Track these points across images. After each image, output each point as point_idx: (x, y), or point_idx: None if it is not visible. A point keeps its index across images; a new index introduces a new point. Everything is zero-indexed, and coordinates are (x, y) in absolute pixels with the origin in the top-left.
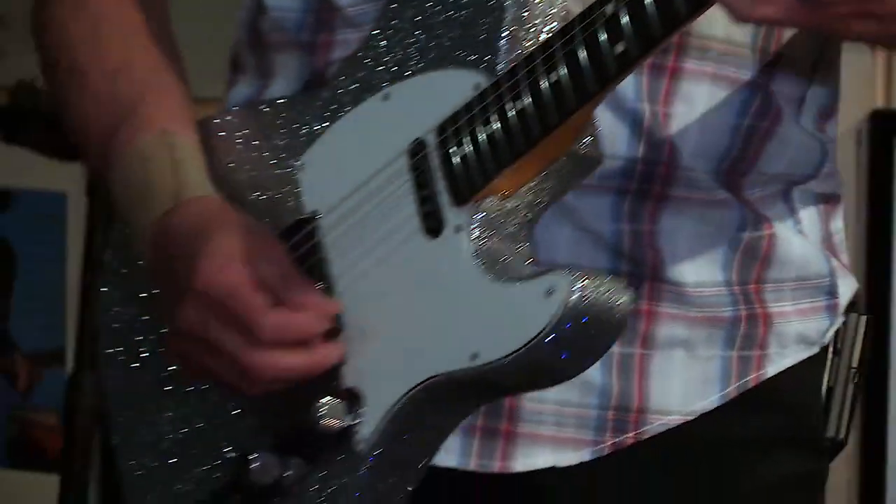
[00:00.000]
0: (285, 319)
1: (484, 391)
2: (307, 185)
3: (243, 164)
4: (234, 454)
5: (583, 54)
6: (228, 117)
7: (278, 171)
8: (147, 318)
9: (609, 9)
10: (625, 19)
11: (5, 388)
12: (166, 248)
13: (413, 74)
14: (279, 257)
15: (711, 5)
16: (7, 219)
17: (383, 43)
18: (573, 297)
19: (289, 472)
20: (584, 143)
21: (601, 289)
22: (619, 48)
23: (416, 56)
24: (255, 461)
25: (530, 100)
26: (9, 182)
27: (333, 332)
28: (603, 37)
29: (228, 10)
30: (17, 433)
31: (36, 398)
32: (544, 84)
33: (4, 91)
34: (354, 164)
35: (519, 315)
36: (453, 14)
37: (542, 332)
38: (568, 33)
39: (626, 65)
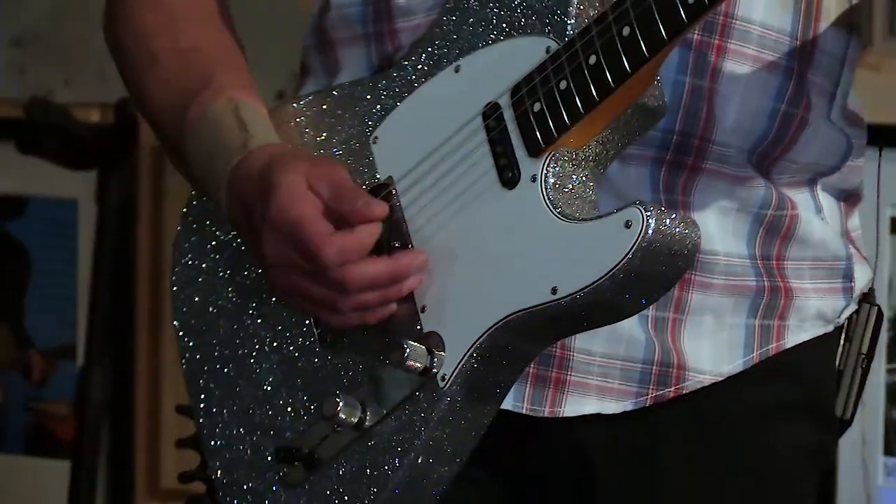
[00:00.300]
0: (344, 241)
1: (559, 327)
2: (381, 154)
3: (317, 143)
4: (314, 403)
5: (653, 6)
6: (301, 102)
7: (353, 144)
8: (229, 288)
9: None
10: None
11: (21, 381)
12: (241, 193)
13: (484, 46)
14: (338, 179)
15: None
16: (22, 223)
17: (449, 24)
18: (650, 228)
19: (365, 415)
20: (649, 95)
21: (673, 223)
22: None
23: (482, 31)
24: (339, 403)
25: (603, 55)
26: (24, 189)
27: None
28: None
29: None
30: (32, 423)
31: (49, 390)
32: (618, 39)
33: (21, 106)
34: (427, 132)
35: (598, 248)
36: None
37: (622, 259)
38: None
39: (697, 14)
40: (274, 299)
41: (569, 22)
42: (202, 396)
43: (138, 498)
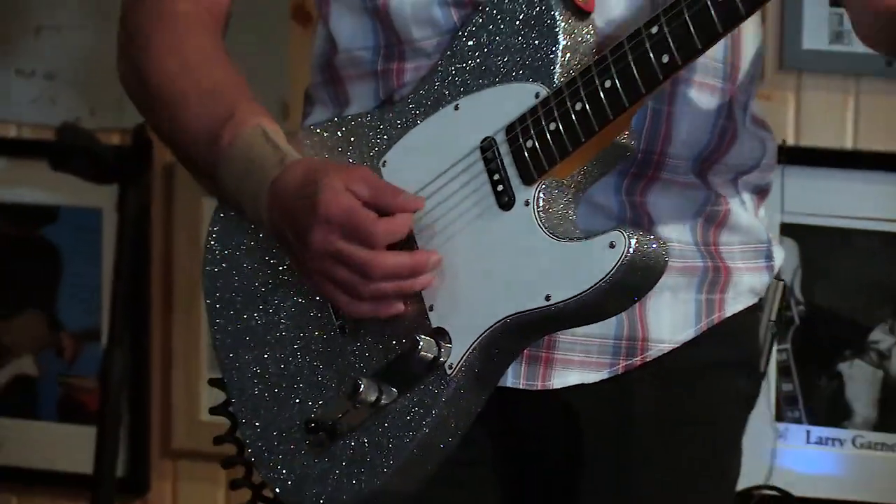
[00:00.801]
0: (391, 224)
1: (546, 327)
2: (390, 177)
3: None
4: (337, 384)
5: (632, 65)
6: (317, 129)
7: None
8: (257, 278)
9: (654, 29)
10: (667, 35)
11: (54, 359)
12: (284, 201)
13: (479, 89)
14: (372, 180)
15: (743, 21)
16: (55, 229)
17: (450, 66)
18: (631, 249)
19: (381, 395)
20: (625, 135)
21: (648, 244)
22: (665, 58)
23: (479, 75)
24: (361, 385)
25: (589, 103)
26: (56, 200)
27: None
28: (650, 50)
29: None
30: (64, 394)
31: (78, 367)
32: (601, 90)
33: (53, 130)
34: (431, 159)
35: (586, 264)
36: (511, 43)
37: (607, 274)
38: (619, 50)
39: (669, 72)
40: (299, 292)
41: (555, 73)
42: (233, 372)
43: (153, 457)
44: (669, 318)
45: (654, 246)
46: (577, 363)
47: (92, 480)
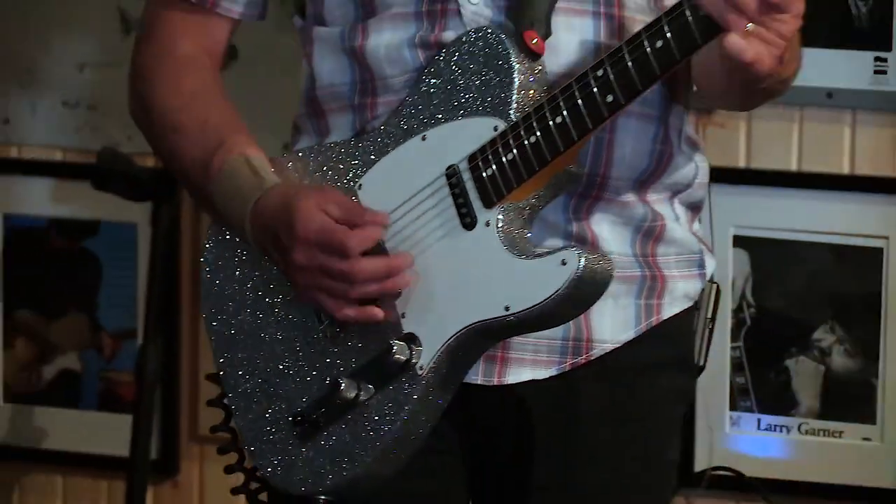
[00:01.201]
0: (362, 234)
1: (505, 332)
2: (365, 198)
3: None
4: (321, 382)
5: (580, 103)
6: (301, 154)
7: (342, 188)
8: (249, 284)
9: (600, 72)
10: (611, 77)
11: (96, 356)
12: (265, 222)
13: (444, 122)
14: (342, 200)
15: (679, 65)
16: (96, 240)
17: (418, 101)
18: (580, 266)
19: (360, 392)
20: (573, 164)
21: (596, 262)
22: (609, 98)
23: (444, 109)
24: (342, 384)
25: (542, 136)
26: (97, 216)
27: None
28: (596, 91)
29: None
30: (103, 387)
31: (117, 363)
32: (552, 125)
33: (95, 154)
34: (402, 183)
35: (540, 279)
36: (472, 81)
37: (558, 289)
38: (569, 90)
39: (613, 109)
40: (286, 299)
41: (511, 109)
42: (227, 369)
43: (182, 442)
44: (611, 321)
45: (601, 263)
46: (529, 361)
47: (128, 463)
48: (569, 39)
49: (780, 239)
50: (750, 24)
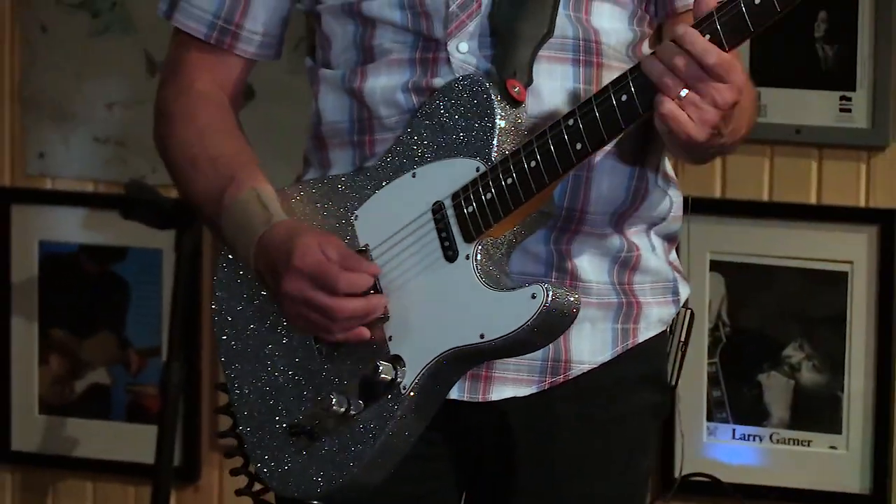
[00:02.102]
0: (350, 277)
1: (482, 357)
2: (360, 229)
3: (315, 216)
4: (314, 397)
5: (552, 150)
6: (305, 186)
7: (340, 219)
8: (254, 306)
9: (570, 121)
10: (580, 127)
11: (123, 371)
12: (268, 253)
13: (432, 161)
14: (339, 244)
15: (642, 118)
16: (124, 265)
17: (410, 140)
18: (549, 300)
19: (350, 407)
20: (547, 204)
21: (563, 296)
22: (578, 146)
23: (432, 150)
24: (333, 399)
25: (517, 179)
26: (125, 242)
27: (378, 296)
28: (566, 139)
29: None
30: (131, 400)
31: (143, 377)
32: (527, 169)
33: (123, 185)
34: (393, 216)
35: (513, 310)
36: (458, 124)
37: (527, 321)
38: (543, 137)
39: (581, 157)
40: (282, 323)
41: (492, 151)
42: (234, 380)
43: (203, 450)
44: (589, 344)
45: (569, 297)
46: (511, 380)
47: (153, 469)
48: (551, 85)
49: (752, 264)
50: (684, 90)
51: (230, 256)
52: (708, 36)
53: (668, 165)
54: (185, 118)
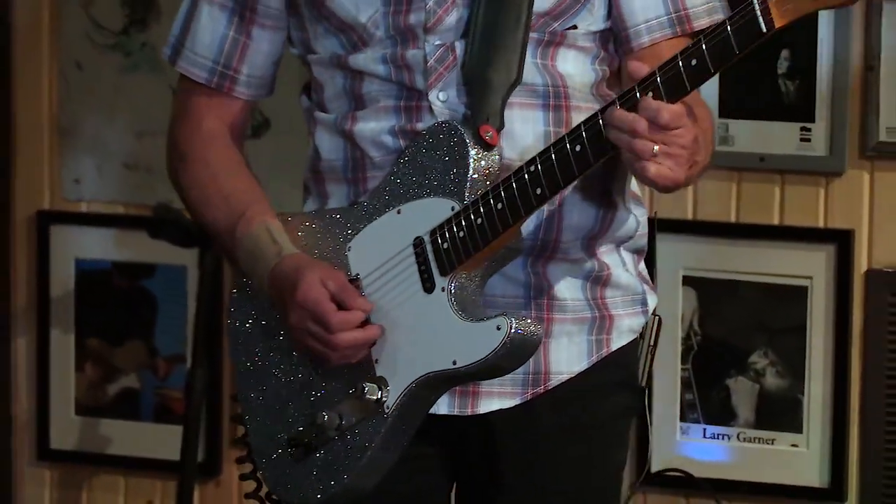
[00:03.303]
0: (346, 316)
1: (455, 381)
2: (353, 259)
3: (314, 246)
4: (311, 412)
5: (516, 194)
6: (304, 218)
7: (336, 249)
8: (261, 328)
9: (532, 168)
10: (540, 174)
11: (152, 377)
12: (279, 284)
13: (414, 199)
14: (341, 281)
15: (593, 167)
16: (153, 281)
17: (396, 180)
18: (512, 331)
19: (342, 422)
20: (514, 241)
21: (526, 326)
22: (538, 191)
23: (415, 188)
24: (325, 416)
25: (486, 219)
26: (153, 259)
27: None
28: (527, 184)
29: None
30: (158, 402)
31: (169, 382)
32: (494, 210)
33: (151, 209)
34: (381, 249)
35: (481, 339)
36: (437, 166)
37: (494, 349)
38: (508, 181)
39: (542, 201)
40: (288, 343)
41: (465, 192)
42: (244, 394)
43: (224, 448)
44: (566, 355)
45: (530, 328)
46: (496, 393)
47: (179, 465)
48: (523, 129)
49: (721, 279)
50: (656, 146)
51: (239, 288)
52: (651, 93)
53: (635, 185)
54: (197, 159)
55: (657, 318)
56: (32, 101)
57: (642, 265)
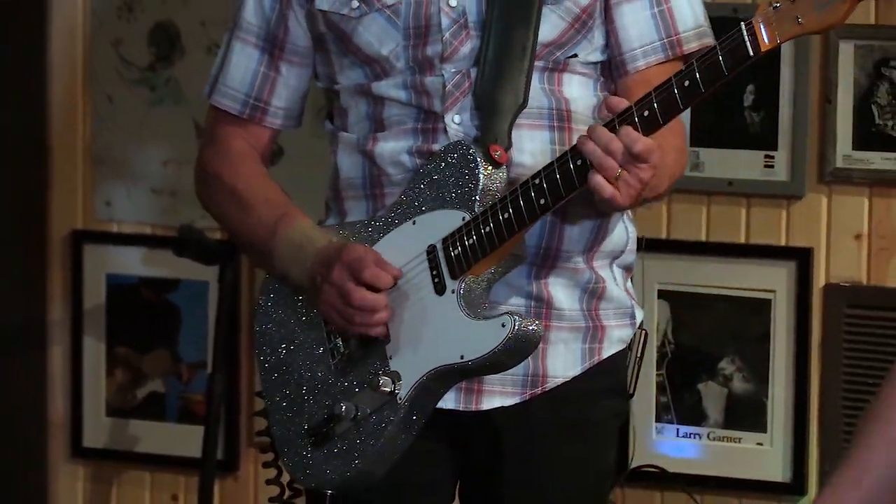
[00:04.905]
0: (376, 271)
1: (463, 375)
2: None
3: None
4: (330, 402)
5: (521, 204)
6: (331, 229)
7: None
8: (286, 330)
9: (536, 180)
10: (544, 186)
11: (176, 382)
12: (325, 256)
13: (428, 211)
14: (380, 258)
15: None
16: (177, 294)
17: (412, 194)
18: (515, 328)
19: (358, 413)
20: (519, 248)
21: (528, 325)
22: (542, 201)
23: (429, 202)
24: (343, 407)
25: (493, 227)
26: (177, 275)
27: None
28: (532, 195)
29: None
30: (182, 405)
31: (192, 386)
32: (501, 219)
33: (175, 229)
34: (398, 256)
35: (487, 336)
36: (450, 182)
37: (498, 344)
38: (514, 193)
39: (545, 210)
40: (311, 340)
41: (475, 204)
42: (268, 390)
43: (242, 447)
44: (562, 361)
45: (531, 326)
46: (498, 392)
47: (200, 462)
48: (532, 147)
49: (693, 292)
50: (620, 170)
51: (272, 286)
52: (646, 113)
53: None
54: (230, 173)
55: (644, 331)
56: (68, 131)
57: (629, 283)
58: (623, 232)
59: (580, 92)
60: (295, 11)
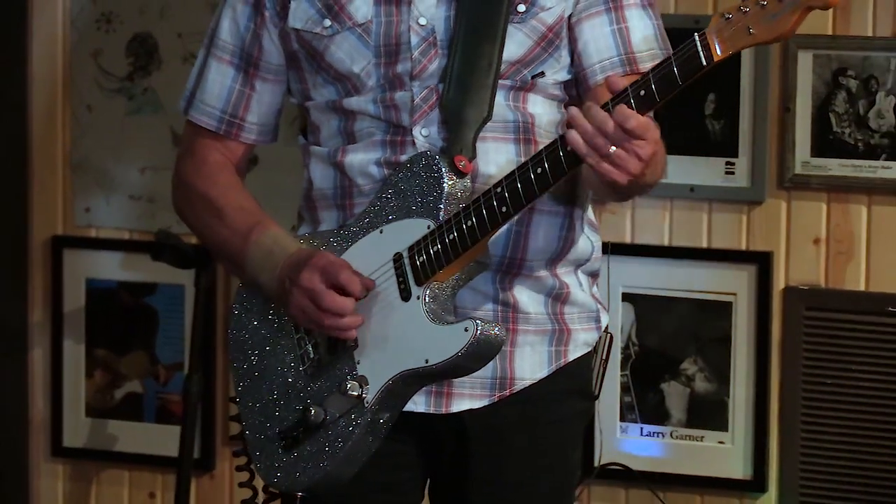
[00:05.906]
0: (351, 276)
1: (428, 378)
2: None
3: None
4: (300, 407)
5: (484, 212)
6: (303, 238)
7: None
8: (258, 337)
9: (498, 189)
10: (506, 194)
11: (154, 383)
12: (293, 261)
13: (394, 220)
14: (350, 267)
15: (552, 187)
16: (154, 298)
17: (379, 203)
18: (477, 333)
19: (327, 417)
20: (483, 255)
21: (490, 330)
22: (503, 209)
23: (396, 211)
24: (312, 411)
25: (457, 235)
26: (154, 279)
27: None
28: (494, 204)
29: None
30: (159, 405)
31: (169, 387)
32: (464, 227)
33: (153, 234)
34: (366, 264)
35: (450, 341)
36: (416, 191)
37: (461, 348)
38: (477, 202)
39: (506, 218)
40: (281, 347)
41: (440, 213)
42: (241, 395)
43: (217, 446)
44: (529, 364)
45: (493, 331)
46: (467, 395)
47: (177, 461)
48: (497, 159)
49: (656, 295)
50: (613, 147)
51: (245, 294)
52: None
53: (591, 214)
54: (206, 183)
55: (609, 335)
56: (48, 139)
57: (595, 288)
58: (587, 243)
59: (544, 108)
60: (269, 30)
